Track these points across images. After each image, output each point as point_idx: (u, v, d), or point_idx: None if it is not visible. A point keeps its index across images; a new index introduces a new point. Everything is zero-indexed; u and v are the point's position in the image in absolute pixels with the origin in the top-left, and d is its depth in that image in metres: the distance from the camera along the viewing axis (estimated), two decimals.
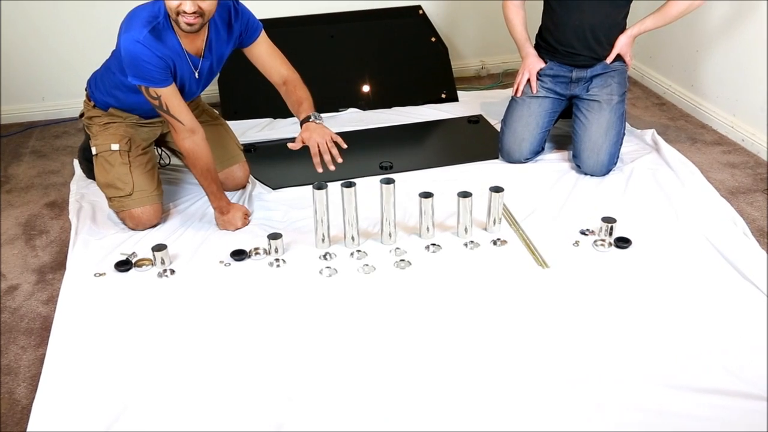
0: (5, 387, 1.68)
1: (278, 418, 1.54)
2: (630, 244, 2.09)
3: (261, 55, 2.18)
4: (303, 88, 2.20)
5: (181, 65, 2.03)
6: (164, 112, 2.01)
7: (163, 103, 1.99)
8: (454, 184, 2.36)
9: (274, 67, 2.20)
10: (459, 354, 1.70)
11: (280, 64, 2.20)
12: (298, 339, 1.76)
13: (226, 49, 2.15)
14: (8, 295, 2.01)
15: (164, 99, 1.98)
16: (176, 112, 2.01)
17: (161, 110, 2.01)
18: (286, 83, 2.20)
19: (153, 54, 1.91)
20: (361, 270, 2.02)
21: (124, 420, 1.54)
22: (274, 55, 2.20)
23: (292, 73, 2.20)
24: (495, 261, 2.05)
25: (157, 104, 2.00)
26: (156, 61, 1.92)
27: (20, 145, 2.94)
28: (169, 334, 1.79)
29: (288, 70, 2.21)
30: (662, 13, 2.48)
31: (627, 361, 1.67)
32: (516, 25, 2.60)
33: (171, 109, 2.00)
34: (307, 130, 2.10)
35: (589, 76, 2.52)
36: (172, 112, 2.01)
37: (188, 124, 2.04)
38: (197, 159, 2.09)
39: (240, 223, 2.22)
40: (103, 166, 2.21)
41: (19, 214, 2.41)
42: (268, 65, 2.19)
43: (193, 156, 2.08)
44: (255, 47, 2.17)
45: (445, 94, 3.20)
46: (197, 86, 2.16)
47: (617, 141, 2.48)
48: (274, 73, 2.20)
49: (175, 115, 2.01)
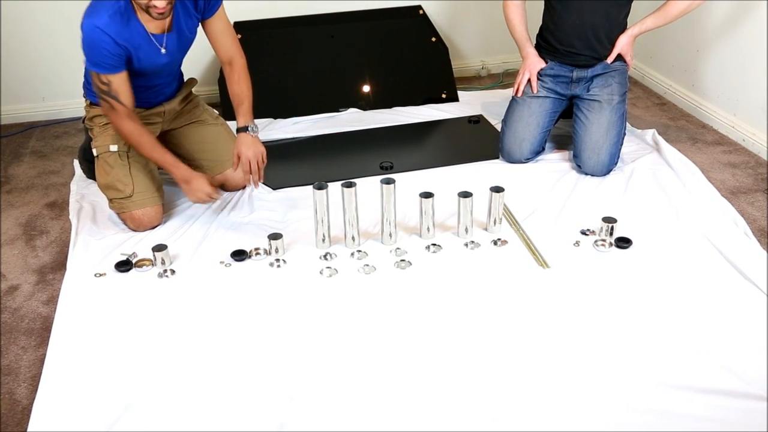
0: (6, 387, 1.68)
1: (279, 418, 1.53)
2: (630, 244, 2.09)
3: (215, 31, 2.19)
4: (246, 80, 2.22)
5: (146, 48, 2.04)
6: (108, 96, 2.03)
7: (112, 89, 2.02)
8: (455, 184, 2.35)
9: (225, 44, 2.21)
10: (459, 354, 1.70)
11: (231, 42, 2.22)
12: (298, 339, 1.76)
13: (190, 21, 2.14)
14: (9, 295, 2.01)
15: (115, 85, 2.01)
16: (123, 97, 2.04)
17: (108, 96, 2.03)
18: (232, 64, 2.21)
19: (112, 41, 1.94)
20: (362, 270, 2.02)
21: (125, 420, 1.54)
22: (227, 33, 2.21)
23: (239, 57, 2.23)
24: (495, 261, 2.05)
25: (105, 89, 2.02)
26: (113, 48, 1.95)
27: (20, 145, 2.94)
28: (169, 335, 1.79)
29: (237, 51, 2.23)
30: (662, 13, 2.48)
31: (627, 360, 1.67)
32: (516, 25, 2.60)
33: (119, 95, 2.03)
34: (244, 143, 2.16)
35: (589, 75, 2.52)
36: (118, 97, 2.03)
37: (130, 107, 2.07)
38: (140, 136, 2.11)
39: (208, 189, 2.17)
40: (103, 168, 2.21)
41: (20, 215, 2.41)
42: (220, 41, 2.20)
43: (137, 135, 2.10)
44: (213, 21, 2.17)
45: (445, 94, 3.20)
46: (168, 59, 2.14)
47: (618, 141, 2.48)
48: (223, 51, 2.22)
49: (120, 100, 2.04)
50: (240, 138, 2.17)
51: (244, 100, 2.20)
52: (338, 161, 2.68)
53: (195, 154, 2.39)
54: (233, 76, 2.22)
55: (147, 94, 2.21)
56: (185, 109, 2.40)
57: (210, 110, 2.47)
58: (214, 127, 2.41)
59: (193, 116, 2.40)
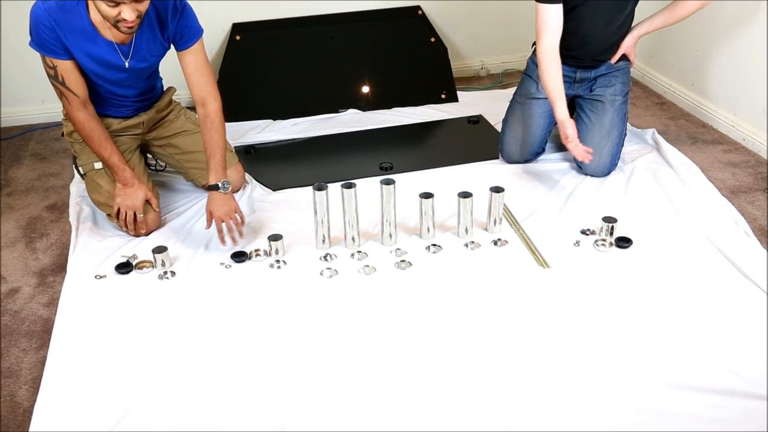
0: (7, 390, 1.68)
1: (281, 419, 1.53)
2: (631, 244, 2.09)
3: (189, 65, 2.09)
4: (220, 127, 2.11)
5: (98, 48, 1.99)
6: (59, 83, 2.03)
7: (59, 73, 2.00)
8: (455, 184, 2.35)
9: (199, 82, 2.09)
10: (460, 354, 1.70)
11: (206, 82, 2.10)
12: (299, 340, 1.76)
13: (155, 46, 2.07)
14: (9, 297, 2.01)
15: (60, 70, 1.99)
16: (71, 85, 2.02)
17: (56, 81, 2.02)
18: (205, 106, 2.10)
19: (52, 25, 1.91)
20: (362, 271, 2.02)
21: (126, 422, 1.54)
22: (203, 71, 2.10)
23: (213, 100, 2.10)
24: (496, 261, 2.05)
25: (52, 74, 2.01)
26: (51, 33, 1.92)
27: (20, 148, 2.94)
28: (170, 336, 1.79)
29: (211, 92, 2.11)
30: (671, 13, 2.44)
31: (627, 360, 1.67)
32: (555, 83, 2.32)
33: (66, 81, 2.01)
34: (214, 201, 2.06)
35: (593, 76, 2.51)
36: (67, 84, 2.02)
37: (82, 96, 2.05)
38: (92, 130, 2.08)
39: (138, 203, 2.11)
40: (92, 186, 2.22)
41: (20, 217, 2.41)
42: (193, 78, 2.09)
43: (88, 126, 2.08)
44: (186, 54, 2.08)
45: (444, 94, 3.20)
46: (130, 77, 2.10)
47: (619, 142, 2.48)
48: (196, 90, 2.10)
49: (70, 88, 2.02)
50: (211, 197, 2.06)
51: (216, 152, 2.08)
52: (338, 162, 2.68)
53: (183, 164, 2.38)
54: (206, 123, 2.09)
55: (119, 102, 2.17)
56: (166, 120, 2.36)
57: (193, 117, 2.39)
58: (198, 135, 2.28)
59: (176, 127, 2.36)
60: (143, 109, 2.27)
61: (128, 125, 2.24)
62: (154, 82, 2.28)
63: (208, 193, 2.09)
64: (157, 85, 2.32)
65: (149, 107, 2.28)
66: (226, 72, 3.05)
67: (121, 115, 2.22)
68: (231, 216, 2.07)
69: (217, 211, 2.06)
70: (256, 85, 3.07)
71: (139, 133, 2.29)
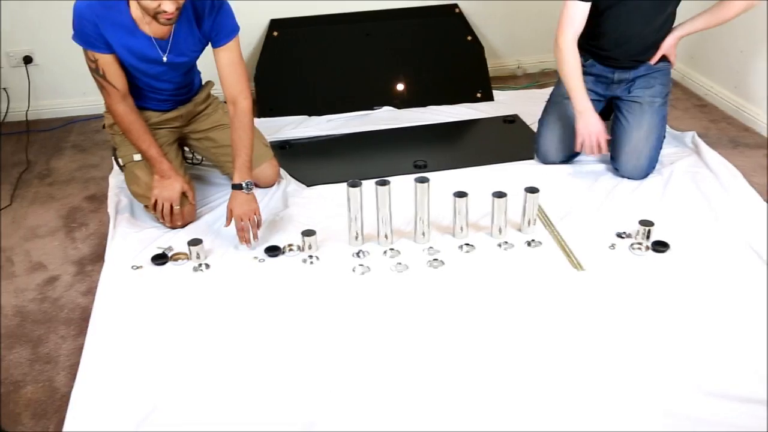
0: (45, 375, 1.72)
1: (309, 417, 1.54)
2: (668, 249, 2.05)
3: (222, 62, 2.11)
4: (249, 126, 2.13)
5: (137, 42, 2.03)
6: (100, 77, 2.07)
7: (99, 67, 2.05)
8: (489, 184, 2.34)
9: (231, 80, 2.12)
10: (491, 355, 1.69)
11: (238, 80, 2.12)
12: (330, 336, 1.77)
13: (192, 41, 2.10)
14: (49, 285, 2.06)
15: (101, 64, 2.04)
16: (112, 78, 2.07)
17: (97, 74, 2.07)
18: (236, 105, 2.12)
19: (94, 20, 1.96)
20: (394, 268, 2.02)
21: (160, 411, 1.56)
22: (236, 69, 2.12)
23: (244, 99, 2.12)
24: (529, 262, 2.04)
25: (93, 67, 2.06)
26: (93, 28, 1.97)
27: (61, 139, 3.00)
28: (202, 329, 1.81)
29: (243, 91, 2.13)
30: (715, 13, 2.37)
31: (662, 366, 1.64)
32: (573, 74, 2.33)
33: (107, 74, 2.06)
34: (236, 200, 2.08)
35: (631, 77, 2.46)
36: (107, 77, 2.06)
37: (122, 90, 2.10)
38: (131, 123, 2.12)
39: (175, 195, 2.16)
40: (131, 177, 2.25)
41: (60, 207, 2.47)
42: (226, 76, 2.12)
43: (127, 119, 2.12)
44: (221, 51, 2.10)
45: (480, 93, 3.18)
46: (168, 71, 2.14)
47: (658, 145, 2.44)
48: (228, 88, 2.12)
49: (110, 81, 2.07)
50: (233, 196, 2.08)
51: (242, 152, 2.11)
52: (372, 159, 2.68)
53: (219, 157, 2.40)
54: (235, 121, 2.12)
55: (158, 96, 2.21)
56: (204, 113, 2.39)
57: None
58: None
59: (213, 120, 2.39)
60: (182, 102, 2.30)
61: (167, 118, 2.28)
62: (192, 76, 2.31)
63: (231, 192, 2.11)
64: (195, 80, 2.35)
65: (187, 101, 2.32)
66: (263, 68, 3.07)
67: (161, 108, 2.26)
68: (249, 216, 2.09)
69: (237, 210, 2.08)
70: (292, 81, 3.09)
71: (177, 126, 2.33)
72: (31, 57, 3.07)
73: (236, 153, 2.12)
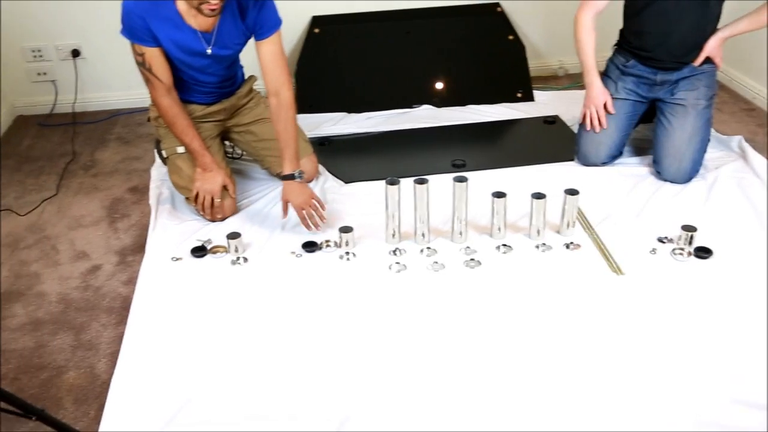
0: (87, 361, 1.76)
1: (344, 412, 1.55)
2: (711, 255, 2.01)
3: (265, 55, 2.12)
4: (293, 117, 2.15)
5: (183, 35, 2.06)
6: (146, 70, 2.11)
7: (146, 60, 2.09)
8: (528, 184, 2.32)
9: (274, 72, 2.13)
10: (527, 358, 1.68)
11: (281, 73, 2.13)
12: (365, 333, 1.78)
13: (236, 34, 2.13)
14: (92, 274, 2.10)
15: (147, 57, 2.08)
16: (157, 71, 2.10)
17: (143, 67, 2.11)
18: (278, 96, 2.13)
19: (141, 14, 2.00)
20: (431, 267, 2.02)
21: (195, 402, 1.59)
22: (278, 62, 2.13)
23: (287, 90, 2.13)
24: (567, 265, 2.02)
25: (140, 60, 2.10)
26: (141, 22, 2.01)
27: (106, 131, 3.06)
28: (239, 322, 1.83)
29: (285, 83, 2.14)
30: (758, 16, 2.33)
31: (700, 374, 1.61)
32: (587, 49, 2.46)
33: (153, 68, 2.10)
34: (291, 191, 2.12)
35: (675, 79, 2.42)
36: (153, 70, 2.10)
37: (167, 83, 2.13)
38: (176, 116, 2.16)
39: (216, 188, 2.20)
40: (173, 169, 2.29)
41: (104, 198, 2.52)
42: (269, 68, 2.13)
43: (171, 112, 2.16)
44: (263, 44, 2.12)
45: (520, 93, 3.15)
46: (213, 63, 2.17)
47: (701, 148, 2.39)
48: (270, 80, 2.13)
49: (156, 74, 2.10)
50: (286, 186, 2.12)
51: (289, 143, 2.14)
52: (411, 157, 2.68)
53: (260, 151, 2.43)
54: (279, 113, 2.13)
55: (202, 89, 2.25)
56: (246, 107, 2.42)
57: None
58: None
59: (255, 114, 2.41)
60: (225, 96, 2.33)
61: (210, 111, 2.31)
62: (235, 70, 2.34)
63: (283, 183, 2.13)
64: (237, 74, 2.38)
65: (231, 94, 2.35)
66: (303, 64, 3.09)
67: (204, 101, 2.29)
68: (309, 203, 2.12)
69: (295, 200, 2.11)
70: (332, 77, 3.11)
71: (220, 119, 2.36)
72: (79, 51, 3.14)
73: (284, 144, 2.15)
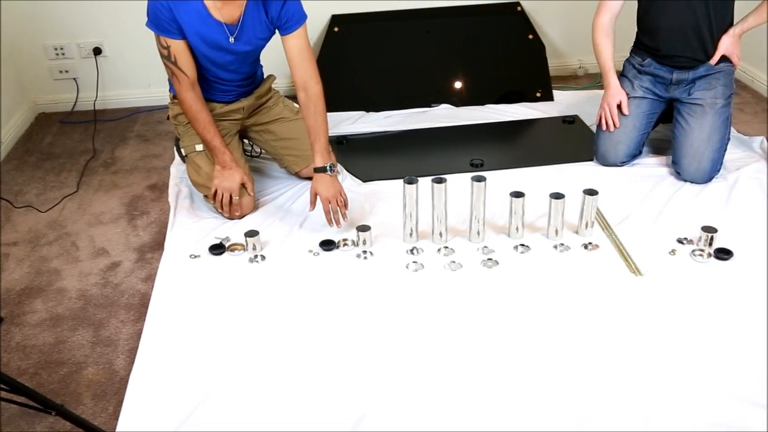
0: (105, 357, 1.78)
1: (361, 411, 1.55)
2: (731, 256, 1.99)
3: (292, 50, 2.13)
4: (323, 111, 2.16)
5: (208, 28, 2.07)
6: (171, 63, 2.11)
7: (171, 53, 2.08)
8: (547, 184, 2.31)
9: (301, 66, 2.13)
10: (544, 358, 1.67)
11: (309, 66, 2.14)
12: (382, 332, 1.78)
13: (260, 28, 2.14)
14: (111, 270, 2.12)
15: (173, 50, 2.08)
16: (182, 64, 2.10)
17: (168, 60, 2.11)
18: (307, 90, 2.14)
19: (168, 5, 2.00)
20: (448, 267, 2.01)
21: (212, 399, 1.60)
22: (305, 56, 2.14)
23: (315, 84, 2.14)
24: (585, 265, 2.00)
25: (165, 53, 2.09)
26: (168, 13, 2.01)
27: (126, 129, 3.09)
28: (257, 319, 1.84)
29: (313, 76, 2.15)
30: (761, 12, 2.32)
31: (718, 376, 1.60)
32: (605, 52, 2.49)
33: (178, 61, 2.09)
34: (321, 183, 2.12)
35: (691, 78, 2.40)
36: (178, 64, 2.10)
37: (191, 77, 2.13)
38: (198, 112, 2.16)
39: (235, 186, 2.20)
40: (192, 167, 2.31)
41: (123, 195, 2.54)
42: (296, 62, 2.13)
43: (194, 108, 2.16)
44: (289, 39, 2.13)
45: (540, 93, 3.13)
46: (236, 60, 2.18)
47: (720, 147, 2.36)
48: (299, 74, 2.14)
49: (181, 68, 2.10)
50: (317, 179, 2.13)
51: (320, 135, 2.15)
52: (429, 156, 2.68)
53: (278, 150, 2.44)
54: (309, 106, 2.14)
55: (223, 87, 2.26)
56: (265, 106, 2.43)
57: (291, 105, 2.49)
58: (295, 122, 2.42)
59: (274, 114, 2.43)
60: (245, 94, 2.35)
61: (230, 110, 2.33)
62: (255, 68, 2.36)
63: (314, 175, 2.14)
64: (258, 72, 2.39)
65: (250, 93, 2.36)
66: (322, 63, 3.09)
67: (224, 99, 2.31)
68: (336, 198, 2.13)
69: (324, 193, 2.12)
70: (351, 76, 3.11)
71: (239, 118, 2.37)
72: (101, 49, 3.17)
73: (315, 137, 2.15)
